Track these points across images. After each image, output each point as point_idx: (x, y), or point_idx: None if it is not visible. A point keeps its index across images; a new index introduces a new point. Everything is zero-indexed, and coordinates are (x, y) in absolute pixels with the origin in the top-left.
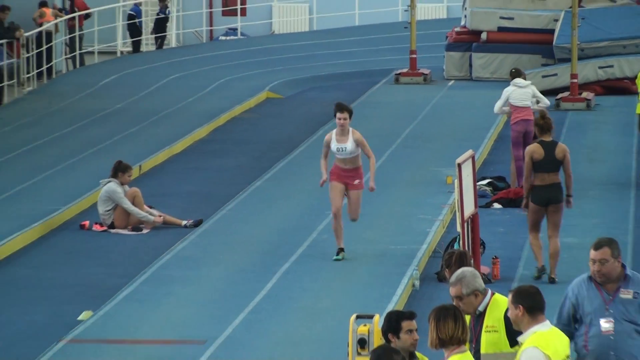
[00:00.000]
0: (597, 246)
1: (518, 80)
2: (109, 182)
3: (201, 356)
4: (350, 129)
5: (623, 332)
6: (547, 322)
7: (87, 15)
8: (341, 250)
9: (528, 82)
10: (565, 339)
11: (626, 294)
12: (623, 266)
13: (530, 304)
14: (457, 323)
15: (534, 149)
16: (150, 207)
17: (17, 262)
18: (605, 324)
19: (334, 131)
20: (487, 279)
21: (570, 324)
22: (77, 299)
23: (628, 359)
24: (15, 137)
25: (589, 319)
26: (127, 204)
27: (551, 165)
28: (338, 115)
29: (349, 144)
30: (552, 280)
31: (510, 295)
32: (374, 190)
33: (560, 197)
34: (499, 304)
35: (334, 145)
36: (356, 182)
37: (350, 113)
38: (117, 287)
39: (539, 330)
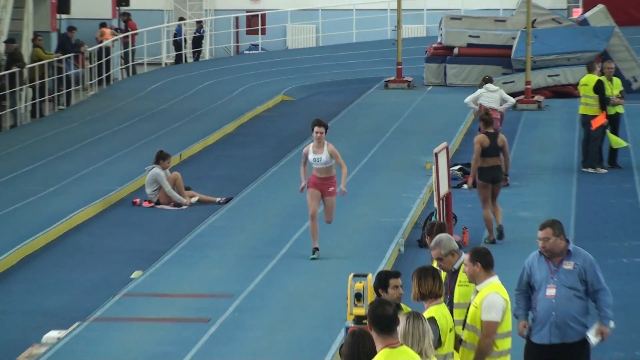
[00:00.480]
0: (542, 227)
1: (489, 86)
2: (153, 167)
3: (229, 307)
4: (326, 142)
5: (563, 297)
6: (497, 276)
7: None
8: (316, 249)
9: (497, 87)
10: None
11: (568, 265)
12: (567, 241)
13: (485, 261)
14: (435, 280)
15: (482, 139)
16: (188, 189)
17: (82, 231)
18: (550, 290)
19: (311, 144)
20: (458, 245)
21: (527, 290)
22: (130, 261)
23: (566, 317)
24: (81, 131)
25: (538, 285)
26: (168, 187)
27: (494, 151)
28: (315, 129)
29: (324, 155)
30: (499, 228)
31: (468, 256)
32: (345, 195)
33: (501, 176)
34: None
35: (311, 156)
36: (330, 189)
37: (326, 128)
38: (161, 252)
39: (494, 281)
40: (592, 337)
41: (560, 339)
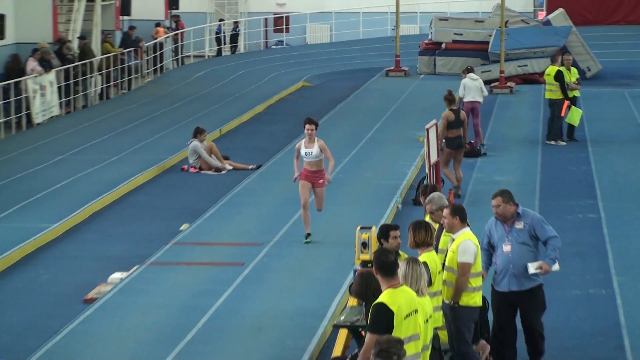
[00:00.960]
0: (493, 197)
1: (471, 75)
2: (192, 141)
3: (260, 253)
4: (316, 137)
5: (517, 251)
6: (469, 227)
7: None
8: (308, 234)
9: (477, 77)
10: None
11: (519, 225)
12: (517, 205)
13: (462, 215)
14: (427, 232)
15: (448, 115)
16: (227, 158)
17: (140, 192)
18: (506, 247)
19: (303, 140)
20: None
21: (489, 249)
22: (179, 216)
23: (521, 268)
24: (139, 111)
25: (496, 244)
26: (205, 155)
27: (458, 124)
28: (307, 126)
29: (315, 150)
30: (457, 195)
31: (448, 210)
32: (330, 182)
33: (462, 144)
34: None
35: (303, 151)
36: (320, 181)
37: (316, 125)
38: (204, 209)
39: (467, 231)
40: (531, 267)
41: (517, 286)
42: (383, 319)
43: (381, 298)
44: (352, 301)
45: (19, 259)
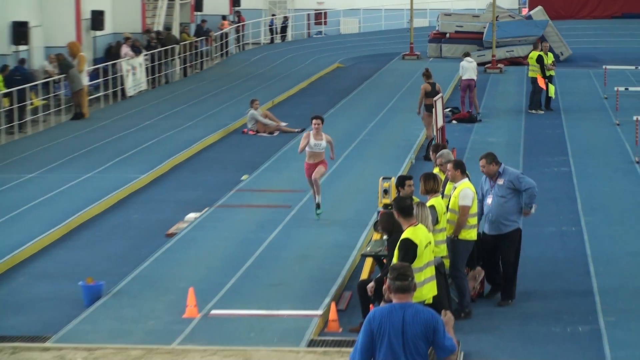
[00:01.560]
0: (480, 159)
1: (468, 58)
2: (250, 110)
3: (303, 198)
4: (323, 132)
5: (496, 204)
6: (467, 178)
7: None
8: (318, 204)
9: (473, 60)
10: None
11: (500, 182)
12: (499, 165)
13: (462, 168)
14: (435, 181)
15: (426, 86)
16: (279, 121)
17: (211, 150)
18: (488, 199)
19: (311, 132)
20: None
21: (483, 199)
22: (241, 168)
23: (499, 217)
24: (209, 87)
25: (484, 196)
26: (261, 119)
27: (433, 93)
28: (314, 121)
29: (324, 142)
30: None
31: (451, 164)
32: (333, 159)
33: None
34: None
35: (312, 141)
36: (323, 162)
37: (323, 120)
38: (261, 162)
39: (466, 181)
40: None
41: (495, 232)
42: (411, 250)
43: (405, 234)
44: (376, 236)
45: (115, 202)
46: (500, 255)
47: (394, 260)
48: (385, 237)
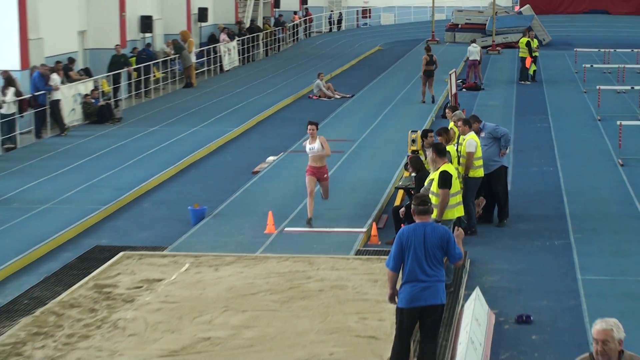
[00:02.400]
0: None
1: (474, 44)
2: (316, 81)
3: (353, 146)
4: (317, 135)
5: (484, 149)
6: (473, 131)
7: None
8: (310, 219)
9: (477, 45)
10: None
11: (482, 134)
12: (480, 122)
13: (469, 123)
14: (448, 134)
15: (426, 57)
16: (335, 91)
17: (285, 110)
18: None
19: (307, 140)
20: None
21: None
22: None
23: (486, 160)
24: (284, 64)
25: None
26: (324, 90)
27: (431, 63)
28: (309, 127)
29: (317, 145)
30: (433, 97)
31: (461, 122)
32: (329, 156)
33: (433, 75)
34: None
35: (307, 147)
36: (325, 176)
37: (317, 126)
38: (323, 119)
39: (472, 134)
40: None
41: (486, 170)
42: (449, 180)
43: (443, 168)
44: (406, 173)
45: (215, 148)
46: (492, 187)
47: (433, 187)
48: (413, 174)
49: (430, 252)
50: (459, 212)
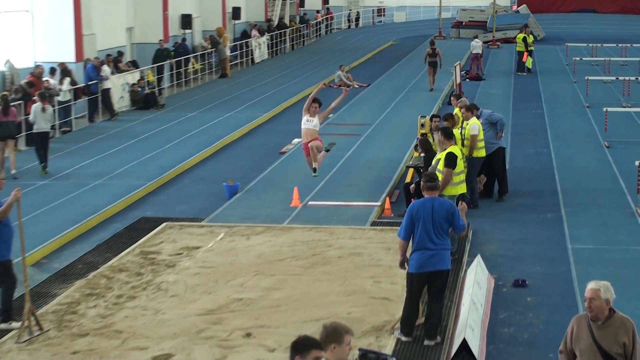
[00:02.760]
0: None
1: (476, 39)
2: (338, 71)
3: (369, 129)
4: (318, 114)
5: (484, 131)
6: (476, 117)
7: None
8: (314, 169)
9: (480, 40)
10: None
11: (481, 120)
12: (478, 109)
13: (471, 110)
14: (452, 118)
15: (429, 50)
16: (353, 80)
17: (308, 97)
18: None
19: (308, 114)
20: None
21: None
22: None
23: (485, 141)
24: (308, 57)
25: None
26: (345, 80)
27: (434, 55)
28: (312, 104)
29: (315, 120)
30: (461, 95)
31: (464, 108)
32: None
33: (436, 65)
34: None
35: (306, 117)
36: (316, 140)
37: (320, 104)
38: (341, 106)
39: (474, 119)
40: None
41: (486, 152)
42: (454, 160)
43: (450, 150)
44: (415, 154)
45: (247, 131)
46: (492, 166)
47: (440, 166)
48: (422, 154)
49: (437, 223)
50: (462, 189)
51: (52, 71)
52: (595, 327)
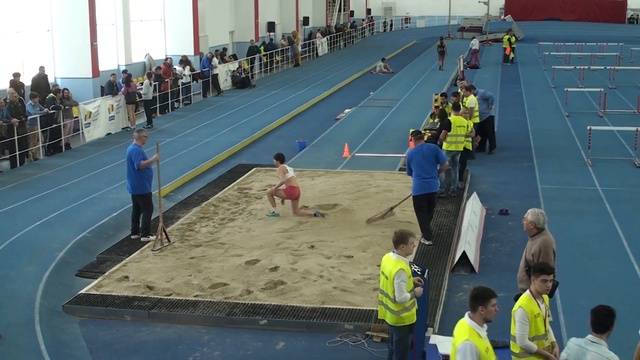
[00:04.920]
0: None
1: (475, 39)
2: (379, 62)
3: (397, 104)
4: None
5: (480, 105)
6: (473, 94)
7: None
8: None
9: (477, 40)
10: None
11: (476, 97)
12: (474, 88)
13: (470, 90)
14: (457, 96)
15: (438, 43)
16: (388, 67)
17: (355, 81)
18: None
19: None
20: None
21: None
22: (370, 88)
23: (481, 112)
24: (352, 55)
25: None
26: (383, 69)
27: (442, 47)
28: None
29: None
30: (441, 67)
31: (464, 88)
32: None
33: (444, 53)
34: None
35: (289, 174)
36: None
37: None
38: (379, 86)
39: (472, 95)
40: None
41: (481, 119)
42: (449, 125)
43: (450, 118)
44: (430, 120)
45: (312, 104)
46: (484, 129)
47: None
48: (437, 120)
49: (427, 159)
50: (456, 147)
51: (180, 61)
52: (529, 240)
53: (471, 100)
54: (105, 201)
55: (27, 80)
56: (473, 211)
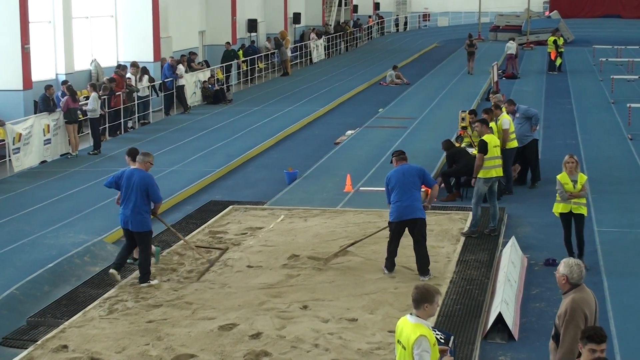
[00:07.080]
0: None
1: (511, 41)
2: (390, 70)
3: (414, 123)
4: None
5: (517, 127)
6: (505, 112)
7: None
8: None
9: (514, 42)
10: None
11: (517, 115)
12: (515, 105)
13: (500, 108)
14: (490, 112)
15: (467, 42)
16: (401, 77)
17: (360, 93)
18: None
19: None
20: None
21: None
22: (379, 105)
23: (520, 135)
24: (362, 57)
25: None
26: (394, 79)
27: (473, 47)
28: None
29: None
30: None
31: (493, 107)
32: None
33: (473, 52)
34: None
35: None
36: None
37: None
38: (390, 101)
39: (504, 114)
40: None
41: (520, 144)
42: (485, 147)
43: (484, 138)
44: (457, 144)
45: (305, 124)
46: (526, 156)
47: (474, 152)
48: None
49: (408, 182)
50: (496, 172)
51: (132, 67)
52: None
53: (504, 120)
54: (38, 248)
55: None
56: (511, 261)
